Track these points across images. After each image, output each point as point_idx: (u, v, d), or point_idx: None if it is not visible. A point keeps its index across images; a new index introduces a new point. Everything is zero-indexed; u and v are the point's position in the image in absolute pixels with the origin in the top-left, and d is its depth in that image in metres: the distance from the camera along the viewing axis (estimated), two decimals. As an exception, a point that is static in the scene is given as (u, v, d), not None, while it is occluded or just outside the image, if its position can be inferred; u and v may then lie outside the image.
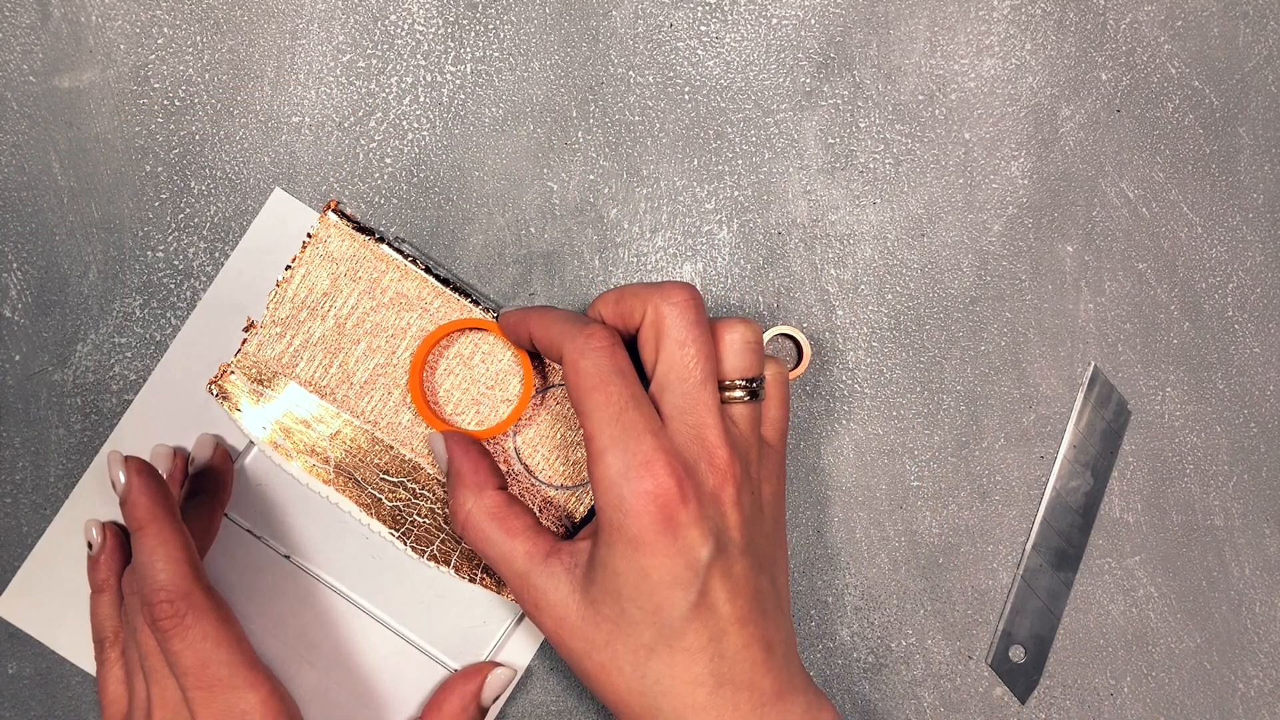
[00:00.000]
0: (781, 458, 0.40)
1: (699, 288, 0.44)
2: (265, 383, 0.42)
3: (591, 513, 0.43)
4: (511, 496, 0.39)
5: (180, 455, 0.42)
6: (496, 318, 0.42)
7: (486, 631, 0.42)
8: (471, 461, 0.40)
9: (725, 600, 0.36)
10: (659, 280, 0.43)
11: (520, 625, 0.43)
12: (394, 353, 0.42)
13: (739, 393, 0.38)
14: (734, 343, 0.38)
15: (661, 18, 0.44)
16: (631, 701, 0.36)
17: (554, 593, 0.37)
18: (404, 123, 0.44)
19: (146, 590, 0.36)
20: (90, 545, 0.41)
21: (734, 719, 0.36)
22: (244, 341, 0.42)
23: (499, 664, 0.43)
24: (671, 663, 0.35)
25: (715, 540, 0.35)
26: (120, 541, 0.41)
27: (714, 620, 0.36)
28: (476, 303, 0.42)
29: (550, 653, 0.43)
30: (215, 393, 0.42)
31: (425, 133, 0.44)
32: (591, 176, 0.44)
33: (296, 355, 0.42)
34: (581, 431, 0.42)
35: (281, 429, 0.42)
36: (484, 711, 0.42)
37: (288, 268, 0.42)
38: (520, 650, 0.43)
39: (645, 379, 0.37)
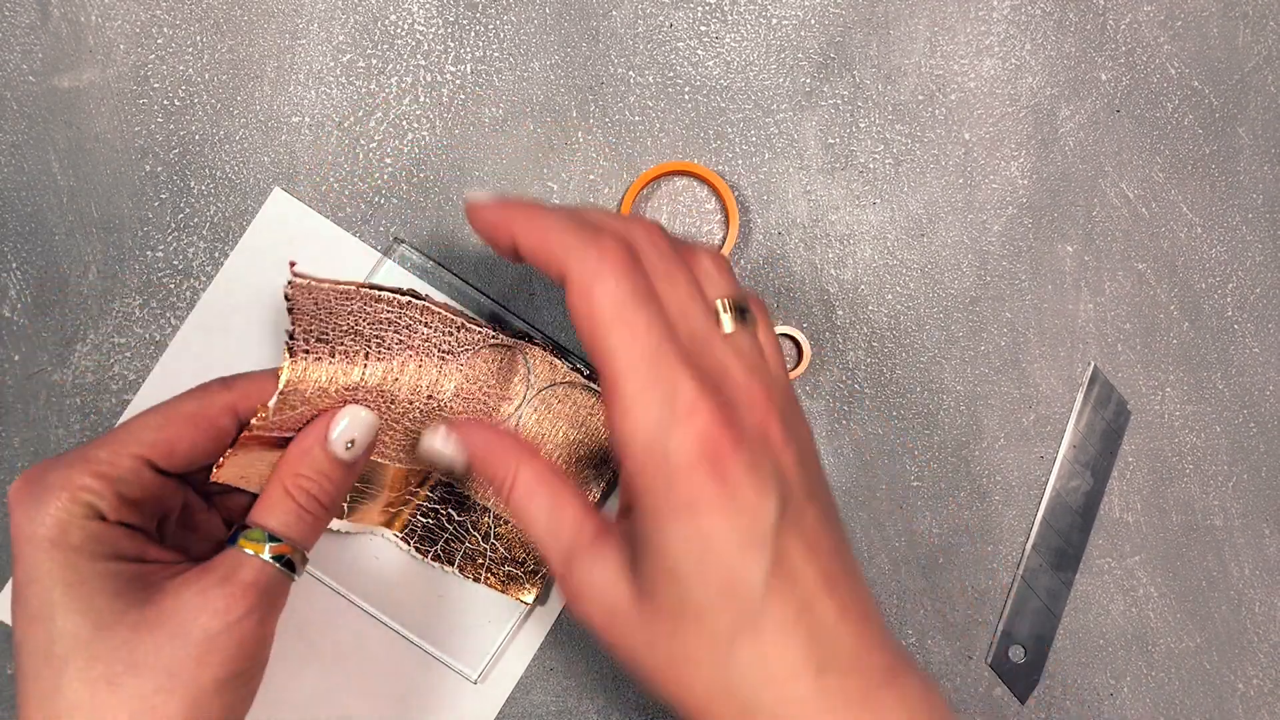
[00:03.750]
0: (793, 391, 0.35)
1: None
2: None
3: None
4: (557, 466, 0.34)
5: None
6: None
7: (490, 631, 0.42)
8: (501, 435, 0.34)
9: (804, 560, 0.30)
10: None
11: (525, 626, 0.43)
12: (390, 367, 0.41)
13: (728, 315, 0.32)
14: (707, 270, 0.33)
15: (661, 18, 0.44)
16: (717, 701, 0.30)
17: (601, 578, 0.31)
18: (404, 123, 0.44)
19: None
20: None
21: (844, 708, 0.29)
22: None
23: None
24: (760, 650, 0.29)
25: (778, 488, 0.29)
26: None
27: (797, 588, 0.29)
28: (503, 328, 0.41)
29: (550, 652, 0.43)
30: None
31: (425, 133, 0.44)
32: (592, 176, 0.44)
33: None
34: (593, 423, 0.42)
35: None
36: (336, 460, 0.35)
37: (289, 348, 0.35)
38: (525, 651, 0.43)
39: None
